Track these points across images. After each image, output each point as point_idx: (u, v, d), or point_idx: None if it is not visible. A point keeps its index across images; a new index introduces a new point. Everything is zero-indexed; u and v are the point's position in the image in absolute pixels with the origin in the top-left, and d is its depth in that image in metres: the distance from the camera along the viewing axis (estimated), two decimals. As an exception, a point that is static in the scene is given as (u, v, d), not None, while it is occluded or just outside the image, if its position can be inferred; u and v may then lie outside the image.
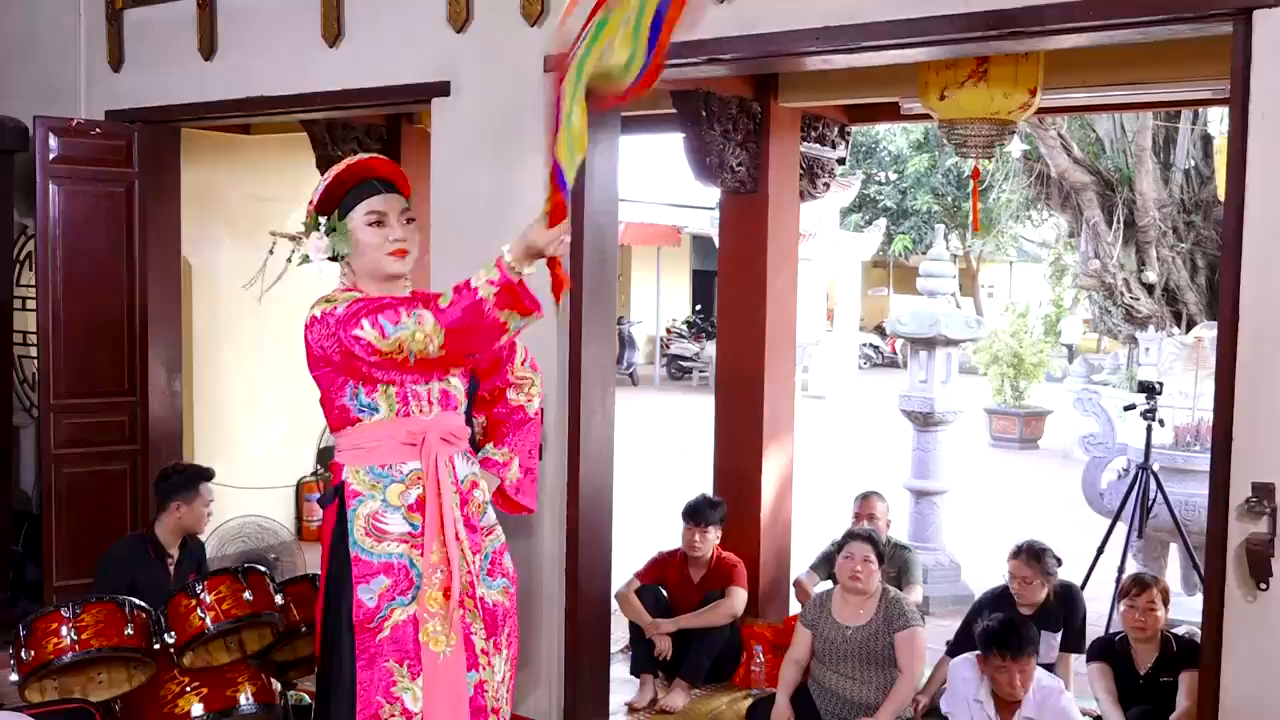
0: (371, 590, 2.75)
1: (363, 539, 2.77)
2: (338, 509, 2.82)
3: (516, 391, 3.19)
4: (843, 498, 5.99)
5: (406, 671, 2.75)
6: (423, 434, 2.79)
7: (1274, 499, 3.01)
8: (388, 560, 2.75)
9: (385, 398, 2.77)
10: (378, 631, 2.74)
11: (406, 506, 2.78)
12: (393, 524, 2.77)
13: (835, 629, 4.39)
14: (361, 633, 2.75)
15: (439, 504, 2.78)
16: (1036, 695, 3.91)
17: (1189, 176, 11.74)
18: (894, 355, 24.40)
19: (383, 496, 2.78)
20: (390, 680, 2.75)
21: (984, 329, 10.82)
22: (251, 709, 3.81)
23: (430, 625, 2.76)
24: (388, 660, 2.75)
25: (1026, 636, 3.91)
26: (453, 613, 2.78)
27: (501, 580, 2.98)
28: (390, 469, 2.79)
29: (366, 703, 2.75)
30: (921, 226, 23.06)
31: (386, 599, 2.75)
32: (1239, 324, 3.08)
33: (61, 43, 5.83)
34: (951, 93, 4.43)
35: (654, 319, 22.00)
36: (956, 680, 4.08)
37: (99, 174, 5.52)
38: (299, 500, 7.61)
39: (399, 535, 2.77)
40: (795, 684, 4.46)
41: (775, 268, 5.60)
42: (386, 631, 2.75)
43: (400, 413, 2.78)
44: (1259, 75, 3.03)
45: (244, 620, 3.78)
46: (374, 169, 2.90)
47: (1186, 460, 6.24)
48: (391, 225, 2.84)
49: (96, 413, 5.57)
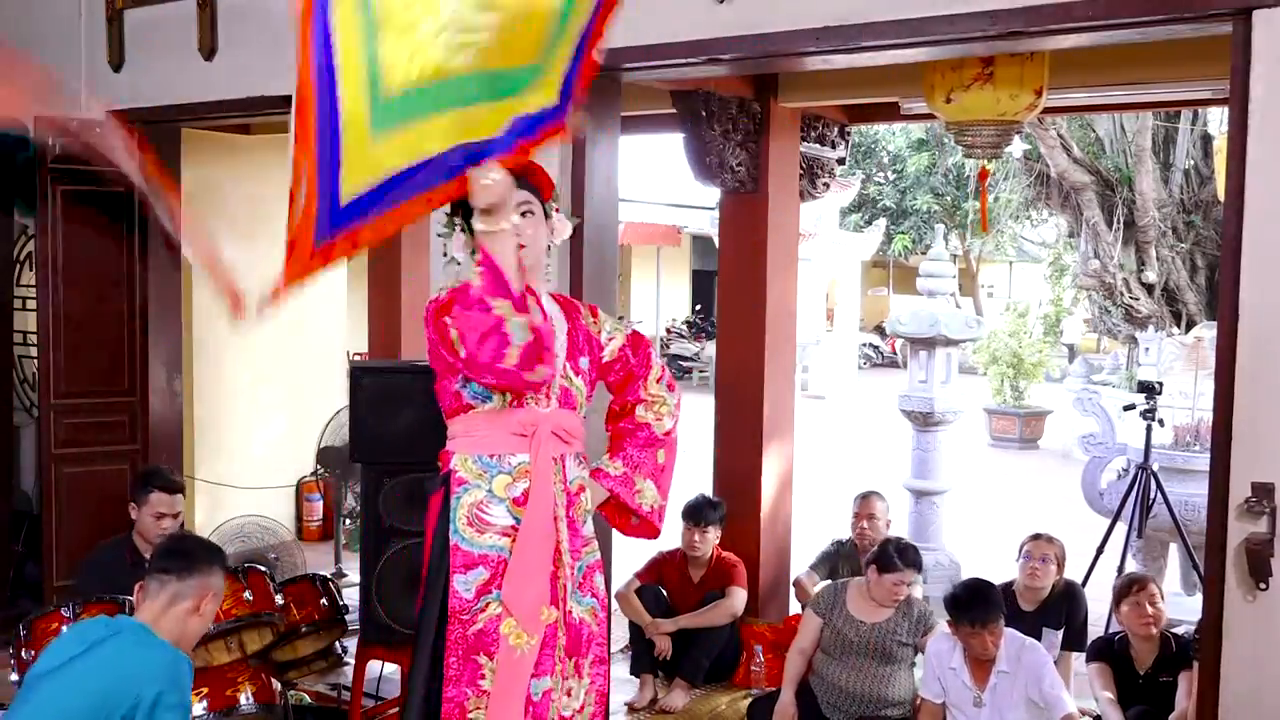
0: (469, 581, 2.69)
1: (464, 528, 2.71)
2: (443, 496, 2.76)
3: (645, 409, 3.04)
4: (843, 498, 5.99)
5: (494, 666, 2.69)
6: (534, 426, 2.72)
7: (1274, 499, 3.02)
8: (486, 552, 2.69)
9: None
10: (471, 623, 2.68)
11: (512, 499, 2.71)
12: (496, 515, 2.70)
13: (850, 624, 4.39)
14: (455, 623, 2.70)
15: (544, 499, 2.72)
16: (1010, 650, 3.98)
17: (1189, 176, 11.75)
18: (894, 355, 24.40)
19: (489, 486, 2.71)
20: (479, 674, 2.69)
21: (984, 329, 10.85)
22: (251, 709, 3.80)
23: (512, 619, 2.69)
24: (478, 654, 2.69)
25: (991, 599, 3.99)
26: (538, 609, 2.70)
27: (591, 600, 2.87)
28: (499, 459, 2.72)
29: (454, 693, 2.69)
30: (921, 226, 23.06)
31: (484, 592, 2.69)
32: (1239, 324, 3.08)
33: (61, 43, 5.82)
34: (958, 95, 4.43)
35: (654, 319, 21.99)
36: (931, 657, 4.14)
37: (99, 174, 5.52)
38: (299, 500, 7.61)
39: (502, 528, 2.70)
40: (801, 676, 4.47)
41: (775, 268, 5.60)
42: (480, 624, 2.68)
43: (514, 403, 2.71)
44: (1259, 75, 3.03)
45: (244, 620, 3.79)
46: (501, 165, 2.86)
47: (1186, 460, 6.24)
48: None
49: (96, 413, 5.58)
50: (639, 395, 3.04)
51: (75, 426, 5.50)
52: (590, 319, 2.96)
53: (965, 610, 3.95)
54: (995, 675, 3.98)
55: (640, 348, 3.03)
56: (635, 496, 3.00)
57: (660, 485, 3.06)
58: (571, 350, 2.84)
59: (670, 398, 3.07)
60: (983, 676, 4.00)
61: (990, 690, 3.99)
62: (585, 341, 2.90)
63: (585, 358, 2.89)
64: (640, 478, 3.01)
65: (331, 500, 7.34)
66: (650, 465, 3.03)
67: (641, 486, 3.01)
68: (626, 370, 3.02)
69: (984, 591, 4.03)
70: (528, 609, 2.68)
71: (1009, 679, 3.97)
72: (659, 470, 3.05)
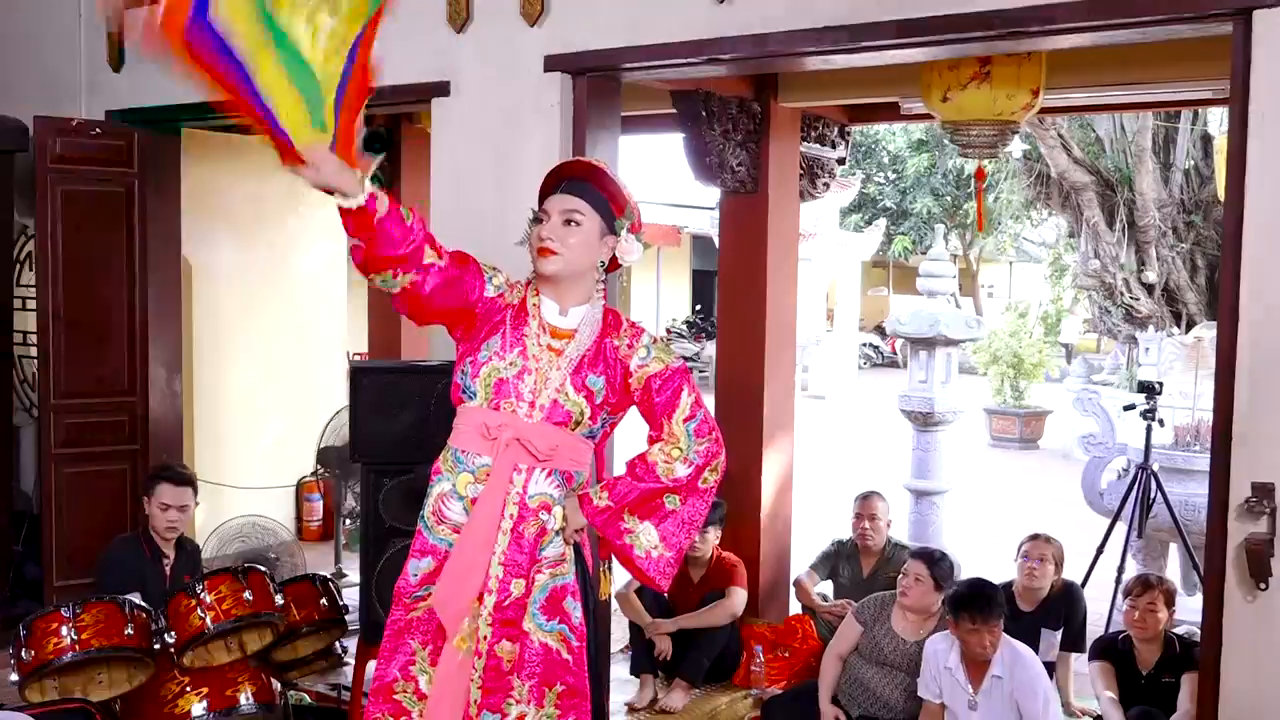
0: (417, 568, 2.73)
1: (428, 515, 2.74)
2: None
3: (660, 447, 2.77)
4: (843, 498, 5.99)
5: (427, 656, 2.72)
6: (499, 429, 2.68)
7: (1274, 499, 3.02)
8: (437, 544, 2.72)
9: (483, 384, 2.70)
10: (411, 609, 2.73)
11: (470, 499, 2.71)
12: (453, 511, 2.72)
13: (892, 639, 4.40)
14: (397, 603, 2.75)
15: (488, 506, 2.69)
16: (1006, 656, 3.99)
17: (1189, 176, 11.75)
18: (894, 355, 24.41)
19: (454, 481, 2.73)
20: (410, 658, 2.73)
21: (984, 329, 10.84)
22: (251, 709, 3.81)
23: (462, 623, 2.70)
24: (414, 638, 2.73)
25: (994, 599, 4.00)
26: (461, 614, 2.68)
27: (558, 625, 2.74)
28: (467, 456, 2.72)
29: (383, 672, 2.74)
30: (921, 227, 23.07)
31: (427, 581, 2.71)
32: (1239, 324, 3.09)
33: (61, 43, 5.83)
34: (954, 95, 4.43)
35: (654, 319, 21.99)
36: (929, 656, 4.14)
37: (99, 174, 5.52)
38: (299, 500, 7.60)
39: (454, 524, 2.71)
40: (837, 681, 4.48)
41: (775, 268, 5.60)
42: (419, 611, 2.72)
43: (492, 404, 2.70)
44: (1259, 75, 3.03)
45: (244, 620, 3.79)
46: (561, 171, 2.82)
47: (1186, 460, 6.24)
48: (547, 224, 2.71)
49: (96, 413, 5.57)
50: (659, 433, 2.80)
51: (75, 426, 5.49)
52: (625, 341, 2.77)
53: (966, 606, 3.96)
54: (989, 679, 3.99)
55: (669, 383, 2.76)
56: (624, 536, 2.75)
57: (664, 533, 2.76)
58: (580, 366, 2.72)
59: (692, 442, 2.75)
60: (978, 678, 4.01)
61: (984, 693, 3.99)
62: (602, 360, 2.74)
63: (598, 377, 2.73)
64: (632, 517, 2.75)
65: (331, 500, 7.34)
66: (649, 507, 2.75)
67: (632, 526, 2.75)
68: (649, 404, 2.78)
69: (987, 590, 4.05)
70: (450, 611, 2.68)
71: (1002, 685, 3.97)
72: (665, 515, 2.76)
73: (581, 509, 2.76)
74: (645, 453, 2.79)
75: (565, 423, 2.71)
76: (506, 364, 2.70)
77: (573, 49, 4.21)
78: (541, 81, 4.24)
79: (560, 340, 2.73)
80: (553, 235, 2.69)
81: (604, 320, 2.79)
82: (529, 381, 2.69)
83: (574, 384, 2.71)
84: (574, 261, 2.70)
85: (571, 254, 2.69)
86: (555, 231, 2.69)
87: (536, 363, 2.70)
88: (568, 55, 4.21)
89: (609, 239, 2.76)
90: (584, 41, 4.18)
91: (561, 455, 2.73)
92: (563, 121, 4.25)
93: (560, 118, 4.24)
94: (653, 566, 2.77)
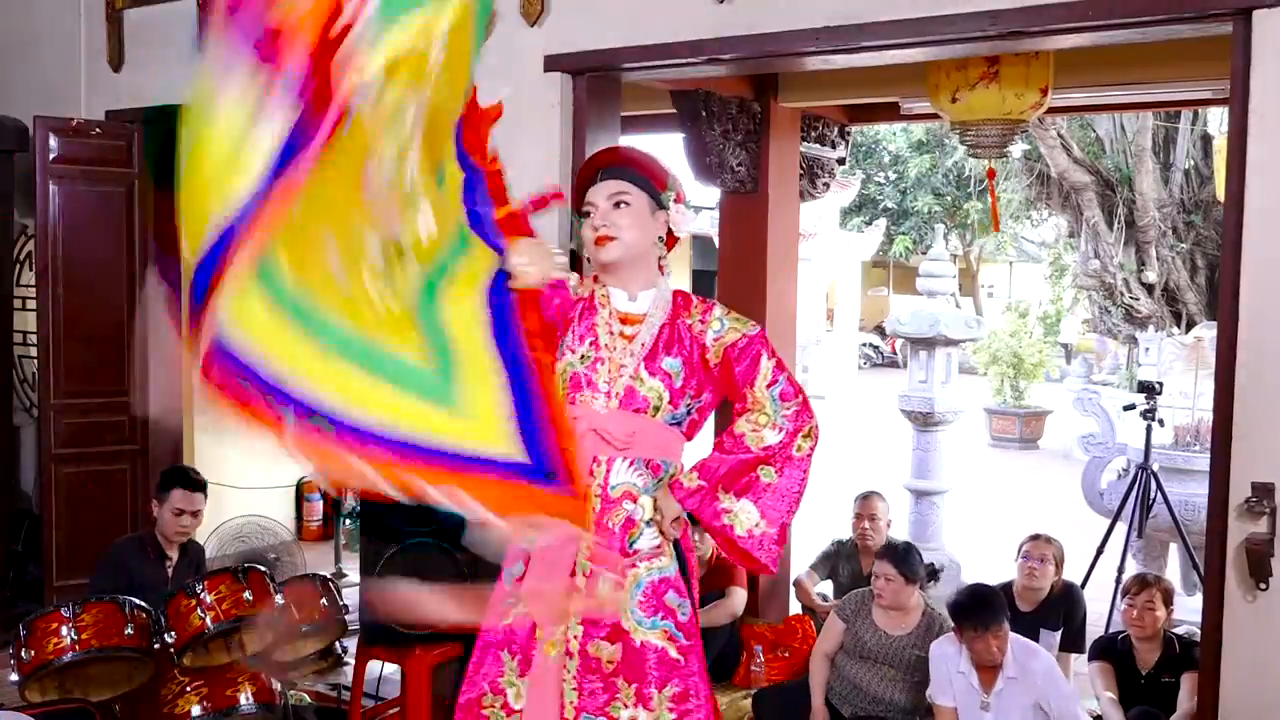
0: (510, 573, 2.64)
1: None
2: None
3: (745, 418, 2.65)
4: (843, 498, 5.98)
5: (516, 666, 2.62)
6: (575, 423, 2.51)
7: (1274, 499, 3.02)
8: (527, 548, 2.61)
9: (562, 378, 2.62)
10: (503, 616, 2.62)
11: None
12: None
13: (875, 633, 4.40)
14: (492, 613, 2.64)
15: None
16: (1017, 656, 3.97)
17: (1189, 176, 11.75)
18: (894, 355, 24.41)
19: None
20: (500, 671, 2.63)
21: (984, 329, 10.85)
22: (251, 709, 3.81)
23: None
24: (503, 649, 2.63)
25: (995, 605, 3.98)
26: (554, 607, 2.58)
27: (661, 621, 2.60)
28: None
29: (472, 685, 2.65)
30: (922, 227, 23.05)
31: (520, 585, 2.62)
32: (1239, 324, 3.09)
33: (61, 43, 5.83)
34: (963, 95, 4.44)
35: (654, 319, 21.95)
36: (938, 660, 4.12)
37: (99, 174, 5.52)
38: (299, 500, 7.60)
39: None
40: (827, 681, 4.48)
41: (775, 268, 5.60)
42: (510, 619, 2.61)
43: (569, 398, 2.62)
44: (1259, 75, 3.04)
45: (244, 620, 3.78)
46: (597, 161, 2.76)
47: (1186, 460, 6.24)
48: (596, 214, 2.64)
49: (96, 413, 5.57)
50: (743, 404, 2.67)
51: (75, 426, 5.49)
52: (698, 317, 2.69)
53: (968, 615, 3.93)
54: (1003, 680, 3.96)
55: (747, 351, 2.65)
56: (721, 516, 2.61)
57: (765, 509, 2.63)
58: (654, 349, 2.63)
59: (778, 407, 2.63)
60: (990, 680, 3.98)
61: (997, 694, 3.97)
62: (678, 341, 2.65)
63: (674, 359, 2.63)
64: (727, 495, 2.61)
65: (331, 500, 7.33)
66: (744, 482, 2.63)
67: (730, 506, 2.61)
68: (729, 374, 2.67)
69: (986, 596, 4.02)
70: (542, 605, 2.57)
71: (1016, 684, 3.95)
72: (761, 490, 2.63)
73: (673, 494, 2.62)
74: (731, 425, 2.67)
75: (644, 409, 2.61)
76: (579, 357, 2.64)
77: (573, 49, 4.21)
78: (541, 81, 4.24)
79: (632, 326, 2.66)
80: (605, 221, 2.62)
81: (674, 301, 2.72)
82: (602, 371, 2.62)
83: (648, 369, 2.62)
84: (632, 243, 2.64)
85: (628, 235, 2.63)
86: (607, 217, 2.62)
87: (609, 351, 2.63)
88: (568, 55, 4.21)
89: (659, 214, 2.70)
90: (584, 41, 4.18)
91: (642, 442, 2.62)
92: (563, 121, 4.25)
93: (560, 117, 4.24)
94: (756, 546, 2.62)
